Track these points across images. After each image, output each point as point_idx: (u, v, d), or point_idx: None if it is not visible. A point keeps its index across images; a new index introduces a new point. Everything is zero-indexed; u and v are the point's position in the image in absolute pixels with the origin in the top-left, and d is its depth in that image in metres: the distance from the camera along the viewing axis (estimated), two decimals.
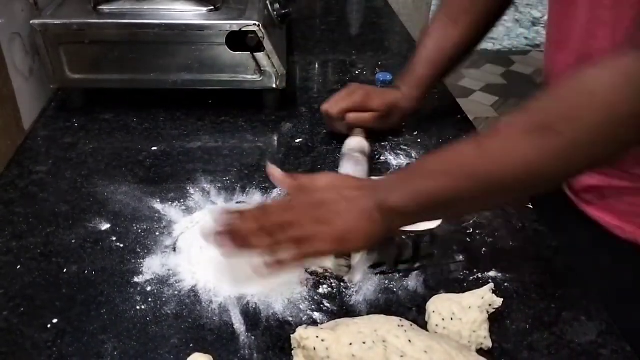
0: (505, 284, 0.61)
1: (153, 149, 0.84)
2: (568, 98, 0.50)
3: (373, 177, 0.75)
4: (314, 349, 0.48)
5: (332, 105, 0.83)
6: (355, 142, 0.80)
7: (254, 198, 0.74)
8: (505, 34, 3.64)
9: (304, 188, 0.60)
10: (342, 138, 0.87)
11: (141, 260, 0.63)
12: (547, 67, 0.74)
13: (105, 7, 0.89)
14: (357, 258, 0.63)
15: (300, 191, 0.60)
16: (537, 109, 0.51)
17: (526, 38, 3.62)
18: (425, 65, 0.84)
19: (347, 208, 0.56)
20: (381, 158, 0.83)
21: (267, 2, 0.98)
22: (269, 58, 0.89)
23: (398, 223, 0.58)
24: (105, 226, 0.68)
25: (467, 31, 0.83)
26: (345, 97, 0.84)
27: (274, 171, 0.63)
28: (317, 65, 1.15)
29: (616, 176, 0.69)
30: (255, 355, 0.53)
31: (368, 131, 0.83)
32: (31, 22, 0.85)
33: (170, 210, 0.71)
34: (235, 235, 0.55)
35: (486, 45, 3.52)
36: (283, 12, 1.00)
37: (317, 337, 0.49)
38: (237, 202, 0.73)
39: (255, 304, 0.58)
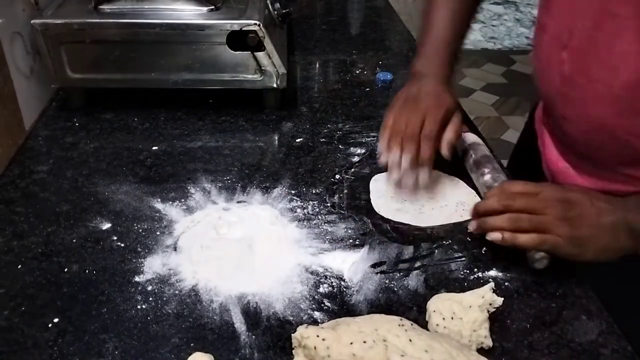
0: (506, 284, 0.61)
1: (154, 148, 0.84)
2: None
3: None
4: (315, 348, 0.48)
5: (451, 152, 0.74)
6: (474, 137, 0.80)
7: (255, 197, 0.74)
8: (506, 33, 3.64)
9: (554, 185, 0.63)
10: (343, 139, 0.87)
11: (142, 260, 0.63)
12: (539, 62, 0.74)
13: (106, 7, 0.89)
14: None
15: (550, 186, 0.62)
16: None
17: (527, 37, 3.61)
18: (450, 55, 0.81)
19: (596, 216, 0.58)
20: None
21: (268, 2, 0.98)
22: (270, 57, 0.89)
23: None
24: (106, 225, 0.68)
25: (468, 4, 0.84)
26: (442, 128, 0.74)
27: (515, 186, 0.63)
28: (317, 65, 1.15)
29: (604, 178, 0.69)
30: (255, 354, 0.53)
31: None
32: (32, 21, 0.85)
33: (171, 210, 0.71)
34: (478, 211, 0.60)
35: (487, 44, 3.53)
36: (283, 11, 1.00)
37: (318, 336, 0.49)
38: (238, 202, 0.73)
39: (256, 303, 0.58)
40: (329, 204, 0.73)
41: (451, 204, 0.73)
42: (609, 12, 0.60)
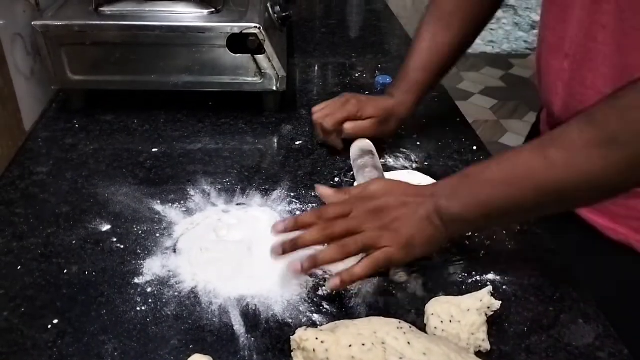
0: (504, 287, 0.61)
1: (153, 150, 0.84)
2: (630, 110, 0.49)
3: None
4: (314, 350, 0.49)
5: (327, 119, 0.81)
6: (365, 144, 0.80)
7: (254, 200, 0.74)
8: (505, 37, 3.64)
9: (360, 197, 0.61)
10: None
11: (141, 262, 0.64)
12: (541, 70, 0.75)
13: (106, 9, 0.89)
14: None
15: (357, 199, 0.60)
16: (604, 121, 0.51)
17: (525, 41, 3.62)
18: (418, 71, 0.83)
19: (408, 213, 0.57)
20: (380, 160, 0.83)
21: (268, 5, 0.98)
22: (270, 60, 0.89)
23: (458, 230, 0.60)
24: (106, 227, 0.69)
25: (458, 36, 0.83)
26: (340, 107, 0.82)
27: (324, 190, 0.64)
28: (317, 68, 1.15)
29: None
30: (255, 356, 0.53)
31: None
32: (33, 23, 0.85)
33: (170, 212, 0.71)
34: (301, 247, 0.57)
35: (485, 48, 3.53)
36: (283, 14, 1.01)
37: (317, 338, 0.49)
38: (237, 204, 0.73)
39: (255, 305, 0.58)
40: None
41: None
42: (598, 23, 0.61)
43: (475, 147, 0.87)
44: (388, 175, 0.77)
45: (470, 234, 0.68)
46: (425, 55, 0.84)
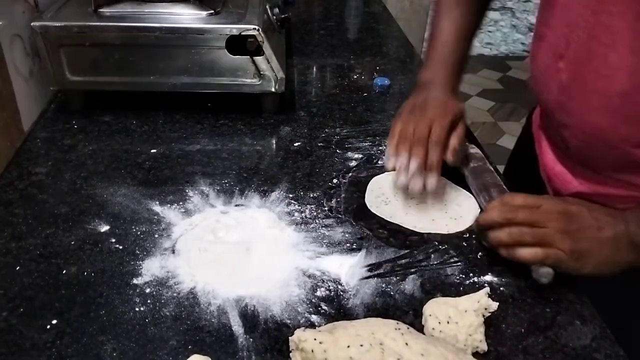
0: (501, 288, 0.62)
1: (152, 151, 0.84)
2: None
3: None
4: (312, 351, 0.49)
5: (455, 159, 0.74)
6: (476, 152, 0.79)
7: (253, 201, 0.74)
8: (502, 39, 3.66)
9: (555, 198, 0.62)
10: (340, 143, 0.88)
11: (140, 262, 0.64)
12: (536, 69, 0.75)
13: (105, 10, 0.89)
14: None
15: (549, 199, 0.61)
16: None
17: (523, 44, 3.64)
18: (456, 63, 0.83)
19: (596, 229, 0.57)
20: (379, 162, 0.83)
21: (267, 7, 0.98)
22: (268, 62, 0.89)
23: None
24: (105, 228, 0.69)
25: (472, 16, 0.85)
26: (448, 135, 0.73)
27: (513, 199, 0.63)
28: (315, 69, 1.15)
29: (601, 182, 0.70)
30: (253, 357, 0.53)
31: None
32: (32, 24, 0.85)
33: (169, 213, 0.71)
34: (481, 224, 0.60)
35: (483, 50, 3.54)
36: (282, 16, 1.01)
37: (315, 339, 0.49)
38: (236, 205, 0.73)
39: (254, 306, 0.58)
40: (326, 208, 0.73)
41: (451, 213, 0.73)
42: (604, 24, 0.61)
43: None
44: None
45: (467, 235, 0.69)
46: (456, 43, 0.83)
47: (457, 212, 0.73)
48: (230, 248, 0.66)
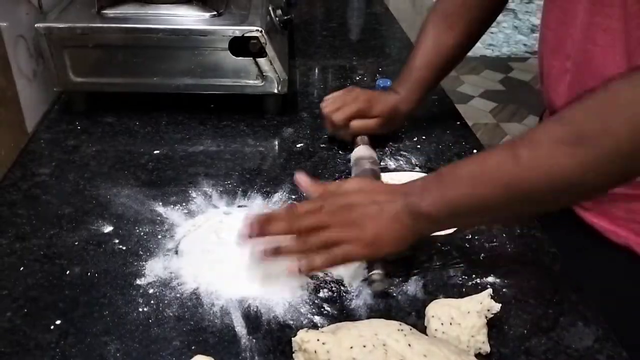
0: (504, 290, 0.62)
1: (155, 152, 0.85)
2: (601, 110, 0.50)
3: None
4: (315, 352, 0.49)
5: (337, 114, 0.83)
6: (365, 151, 0.80)
7: (256, 202, 0.74)
8: (504, 40, 3.66)
9: (333, 192, 0.61)
10: (342, 142, 0.88)
11: (143, 263, 0.64)
12: (543, 71, 0.76)
13: (109, 12, 0.90)
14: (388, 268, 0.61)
15: (330, 196, 0.61)
16: (572, 119, 0.51)
17: (525, 45, 3.64)
18: (423, 69, 0.85)
19: (378, 212, 0.57)
20: (380, 164, 0.83)
21: (270, 8, 0.98)
22: (271, 63, 0.89)
23: (428, 229, 0.60)
24: (108, 229, 0.69)
25: (460, 36, 0.85)
26: (350, 103, 0.83)
27: (302, 179, 0.64)
28: (317, 71, 1.16)
29: None
30: (256, 357, 0.53)
31: (370, 137, 0.83)
32: (36, 25, 0.86)
33: (172, 214, 0.71)
34: (267, 238, 0.57)
35: (485, 51, 3.54)
36: (285, 18, 1.01)
37: (318, 340, 0.50)
38: (239, 206, 0.73)
39: (257, 307, 0.59)
40: None
41: None
42: (600, 26, 0.61)
43: (475, 150, 0.88)
44: (394, 175, 0.77)
45: (469, 236, 0.69)
46: (429, 54, 0.85)
47: None
48: (234, 249, 0.66)
